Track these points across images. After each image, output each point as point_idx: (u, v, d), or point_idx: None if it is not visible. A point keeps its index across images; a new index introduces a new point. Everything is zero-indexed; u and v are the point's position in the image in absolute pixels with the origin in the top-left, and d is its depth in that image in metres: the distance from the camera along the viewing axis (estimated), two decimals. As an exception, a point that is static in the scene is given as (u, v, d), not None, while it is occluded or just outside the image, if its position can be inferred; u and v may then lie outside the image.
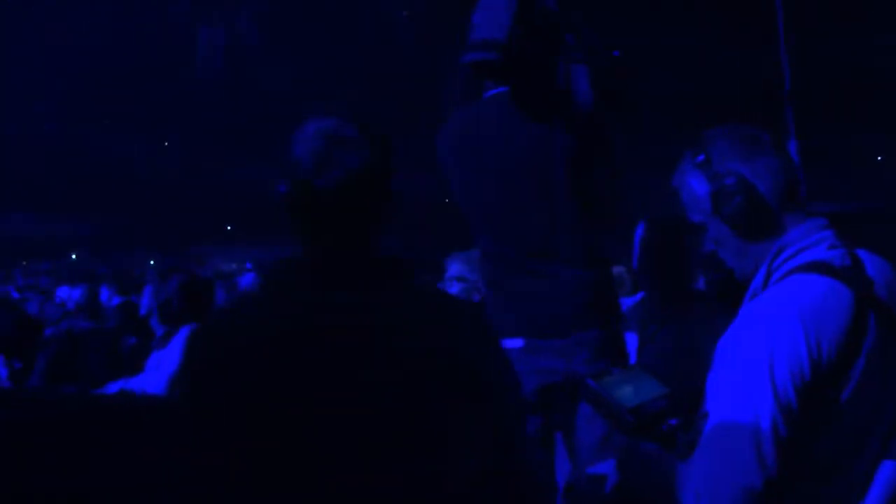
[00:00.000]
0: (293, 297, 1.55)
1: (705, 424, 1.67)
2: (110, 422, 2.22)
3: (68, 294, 6.29)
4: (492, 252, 2.80)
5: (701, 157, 1.83)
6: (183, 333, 3.81)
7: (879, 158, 18.45)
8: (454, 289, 3.62)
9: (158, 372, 3.72)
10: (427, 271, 4.21)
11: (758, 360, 1.62)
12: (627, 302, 3.58)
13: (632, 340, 3.38)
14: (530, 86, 2.68)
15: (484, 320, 1.64)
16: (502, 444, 1.55)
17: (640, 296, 4.00)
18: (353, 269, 1.58)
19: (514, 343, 2.66)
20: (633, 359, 3.34)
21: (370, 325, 1.51)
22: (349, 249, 1.59)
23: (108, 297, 8.01)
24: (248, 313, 1.58)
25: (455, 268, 3.68)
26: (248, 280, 4.49)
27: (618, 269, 4.73)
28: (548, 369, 2.60)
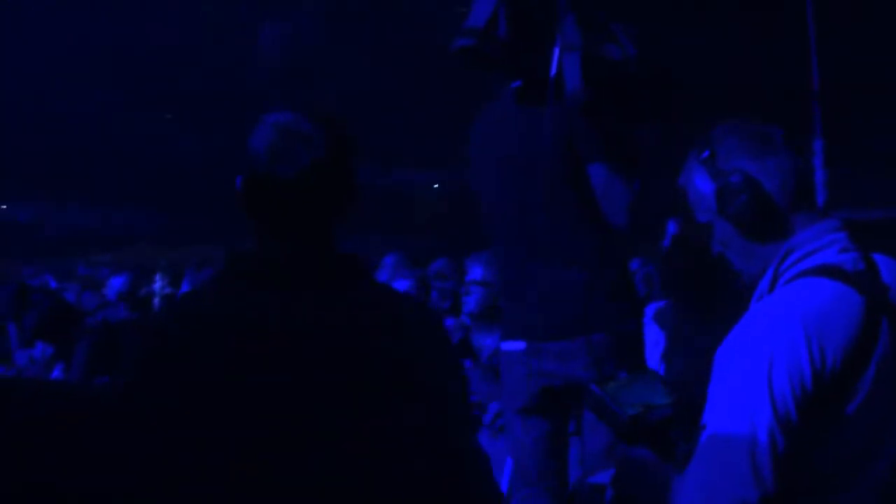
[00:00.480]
0: (239, 292, 1.52)
1: (702, 435, 1.59)
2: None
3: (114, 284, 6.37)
4: (500, 252, 2.73)
5: (706, 154, 1.75)
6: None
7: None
8: (476, 294, 3.52)
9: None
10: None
11: (756, 368, 1.53)
12: (659, 304, 3.47)
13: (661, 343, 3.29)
14: (521, 75, 2.61)
15: (437, 324, 1.60)
16: (444, 451, 1.51)
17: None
18: (305, 264, 1.55)
19: (516, 345, 2.60)
20: (659, 363, 3.24)
21: (315, 323, 1.47)
22: (303, 245, 1.56)
23: (161, 287, 8.09)
24: (194, 306, 1.56)
25: (477, 271, 3.57)
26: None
27: (648, 269, 4.60)
28: (549, 373, 2.53)
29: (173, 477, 1.41)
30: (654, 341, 3.10)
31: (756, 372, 1.53)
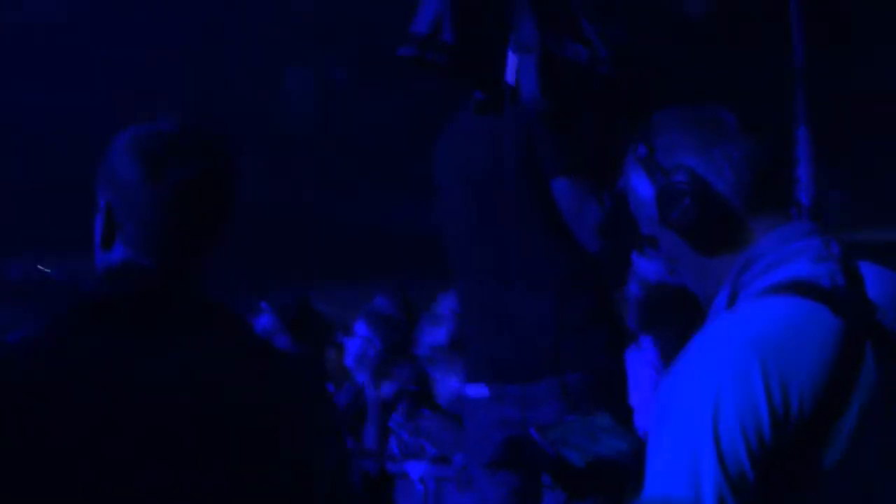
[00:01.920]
0: (71, 342, 1.25)
1: (641, 497, 1.25)
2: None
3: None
4: (462, 281, 2.43)
5: (642, 150, 1.42)
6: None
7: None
8: (447, 326, 3.22)
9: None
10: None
11: (698, 414, 1.19)
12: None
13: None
14: (477, 83, 2.34)
15: (313, 387, 1.32)
16: None
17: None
18: (169, 306, 1.29)
19: (478, 390, 2.27)
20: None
21: (156, 377, 1.22)
22: (170, 280, 1.31)
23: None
24: (21, 357, 1.28)
25: (447, 303, 3.27)
26: (263, 322, 4.20)
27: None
28: (514, 421, 2.19)
29: None
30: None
31: (698, 419, 1.18)
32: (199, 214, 1.33)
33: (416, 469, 2.98)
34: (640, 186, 1.43)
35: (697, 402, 1.19)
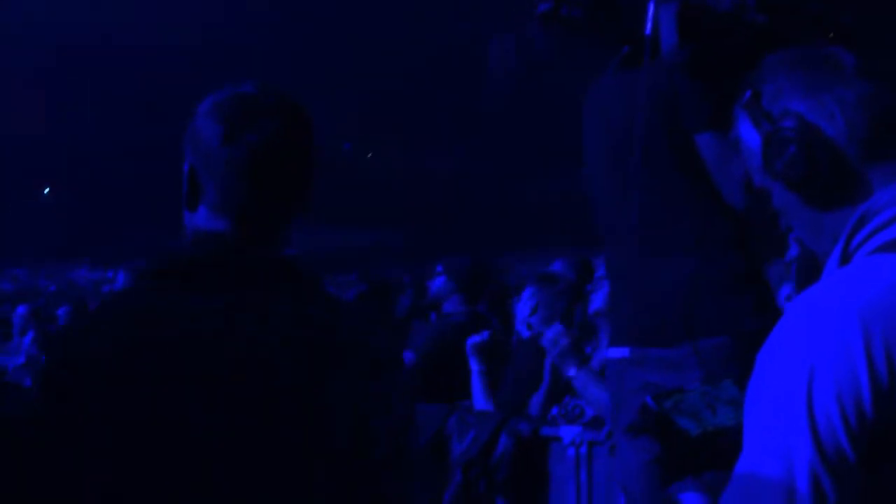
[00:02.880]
0: (159, 299, 1.29)
1: (735, 471, 1.17)
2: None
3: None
4: (606, 244, 2.36)
5: (748, 95, 1.31)
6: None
7: None
8: (604, 291, 3.14)
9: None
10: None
11: (791, 384, 1.09)
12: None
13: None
14: (616, 38, 2.24)
15: (365, 343, 1.31)
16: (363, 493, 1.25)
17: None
18: (243, 267, 1.31)
19: (619, 352, 2.20)
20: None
21: (235, 340, 1.25)
22: (248, 242, 1.33)
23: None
24: (107, 316, 1.35)
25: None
26: (437, 283, 4.25)
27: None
28: (657, 385, 2.09)
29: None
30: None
31: (791, 389, 1.08)
32: (274, 176, 1.33)
33: (569, 433, 2.93)
34: (748, 135, 1.33)
35: (791, 374, 1.09)
